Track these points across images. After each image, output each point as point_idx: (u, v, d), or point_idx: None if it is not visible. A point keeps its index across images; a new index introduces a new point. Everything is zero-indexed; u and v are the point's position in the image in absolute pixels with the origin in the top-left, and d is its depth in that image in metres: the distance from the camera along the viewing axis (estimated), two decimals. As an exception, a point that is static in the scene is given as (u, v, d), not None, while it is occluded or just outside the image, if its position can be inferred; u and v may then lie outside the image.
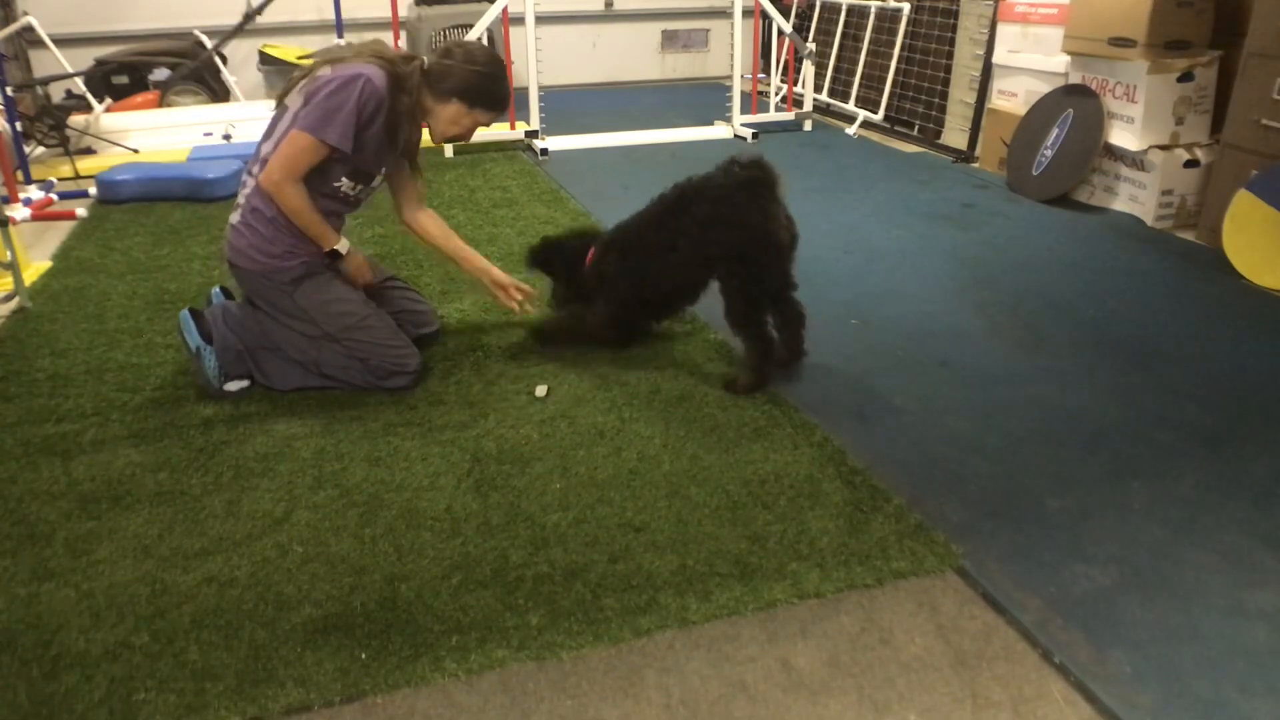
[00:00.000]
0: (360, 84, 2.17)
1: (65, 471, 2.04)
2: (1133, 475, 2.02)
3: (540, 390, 2.37)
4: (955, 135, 5.12)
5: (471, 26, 4.94)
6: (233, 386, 2.36)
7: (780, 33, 5.62)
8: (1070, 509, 1.90)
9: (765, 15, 5.53)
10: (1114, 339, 2.70)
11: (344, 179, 2.29)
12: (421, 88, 2.31)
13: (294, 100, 2.23)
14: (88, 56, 5.73)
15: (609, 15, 7.31)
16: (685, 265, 2.39)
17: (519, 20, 5.01)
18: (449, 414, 2.28)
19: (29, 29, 5.22)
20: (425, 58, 2.35)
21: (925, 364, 2.55)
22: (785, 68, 6.04)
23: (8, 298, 2.97)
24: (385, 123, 2.25)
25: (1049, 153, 4.12)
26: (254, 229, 2.27)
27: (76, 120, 4.91)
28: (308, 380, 2.37)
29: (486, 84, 2.33)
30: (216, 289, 2.60)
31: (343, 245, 2.34)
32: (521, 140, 5.15)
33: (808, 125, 5.67)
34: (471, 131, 2.42)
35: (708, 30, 7.63)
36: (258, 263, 2.27)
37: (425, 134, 2.46)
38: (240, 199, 2.32)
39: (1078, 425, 2.23)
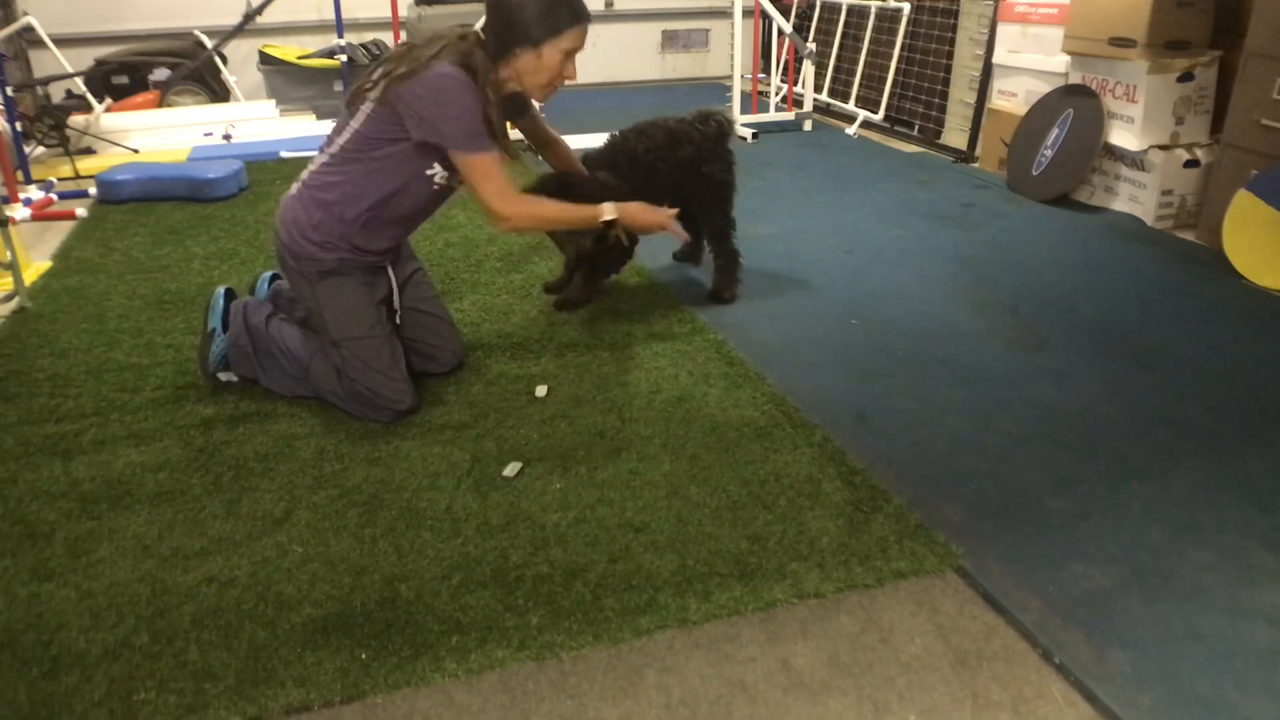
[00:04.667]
0: (459, 88, 2.09)
1: (65, 471, 2.04)
2: (1133, 475, 2.02)
3: (540, 390, 2.37)
4: (955, 135, 5.12)
5: (471, 27, 4.93)
6: (224, 376, 2.37)
7: (780, 33, 5.62)
8: (1070, 509, 1.91)
9: (765, 15, 5.53)
10: (1114, 339, 2.70)
11: (436, 165, 2.19)
12: (487, 62, 2.16)
13: (370, 102, 2.13)
14: (88, 56, 5.73)
15: (609, 15, 7.31)
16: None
17: (519, 20, 5.00)
18: (449, 414, 2.28)
19: (29, 29, 5.22)
20: (478, 28, 2.20)
21: (925, 364, 2.55)
22: (785, 68, 6.04)
23: (8, 298, 2.97)
24: None
25: (1049, 153, 4.12)
26: (306, 208, 2.19)
27: (76, 120, 4.91)
28: (304, 390, 2.34)
29: (528, 10, 2.12)
30: (267, 275, 2.62)
31: (607, 211, 2.33)
32: (522, 140, 5.14)
33: (808, 125, 5.67)
34: (561, 69, 2.20)
35: (708, 30, 7.63)
36: (296, 241, 2.20)
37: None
38: (305, 174, 2.24)
39: (1078, 425, 2.23)
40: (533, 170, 3.69)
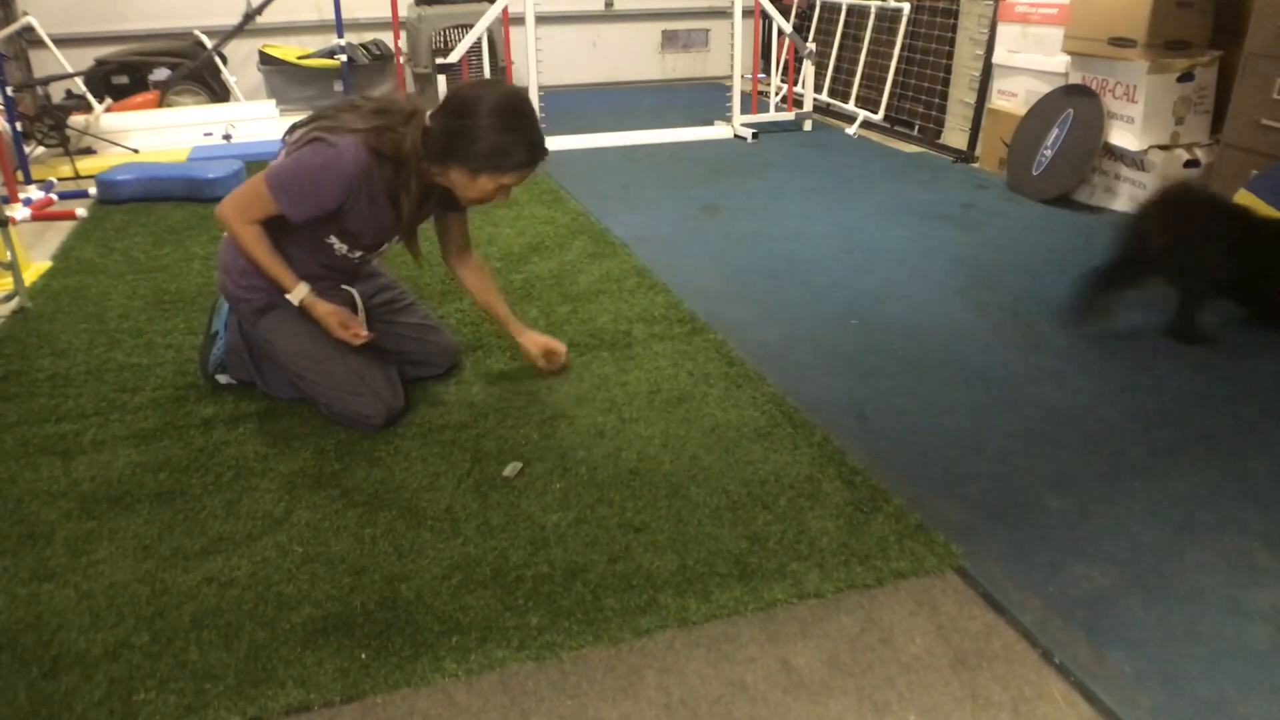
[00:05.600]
0: (329, 167, 1.98)
1: (65, 471, 2.04)
2: (1133, 475, 2.02)
3: (540, 391, 2.36)
4: (955, 135, 5.12)
5: (471, 26, 4.94)
6: (222, 379, 2.38)
7: (780, 33, 5.62)
8: (1070, 509, 1.90)
9: (765, 15, 5.53)
10: (1114, 339, 2.70)
11: (334, 238, 2.13)
12: (419, 152, 2.03)
13: (285, 147, 2.08)
14: (88, 56, 5.73)
15: (609, 15, 7.31)
16: None
17: (519, 20, 5.01)
18: (449, 414, 2.28)
19: (29, 29, 5.22)
20: (428, 115, 2.04)
21: (925, 364, 2.55)
22: (785, 68, 6.04)
23: (8, 298, 2.97)
24: (382, 194, 2.05)
25: (1049, 153, 4.12)
26: (234, 254, 2.17)
27: (76, 120, 4.92)
28: (300, 395, 2.32)
29: (481, 142, 1.98)
30: None
31: (295, 294, 2.12)
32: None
33: (808, 125, 5.67)
34: (495, 194, 2.08)
35: (708, 30, 7.63)
36: (226, 287, 2.21)
37: None
38: None
39: (1078, 425, 2.23)
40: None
